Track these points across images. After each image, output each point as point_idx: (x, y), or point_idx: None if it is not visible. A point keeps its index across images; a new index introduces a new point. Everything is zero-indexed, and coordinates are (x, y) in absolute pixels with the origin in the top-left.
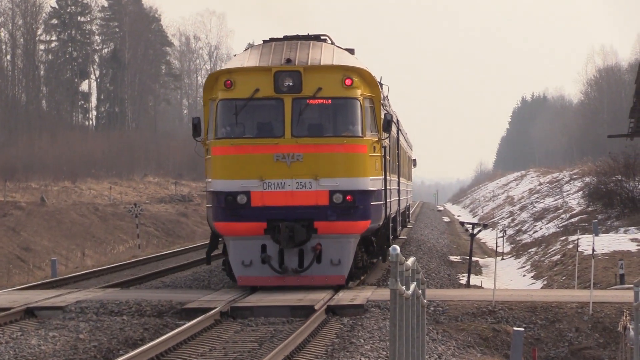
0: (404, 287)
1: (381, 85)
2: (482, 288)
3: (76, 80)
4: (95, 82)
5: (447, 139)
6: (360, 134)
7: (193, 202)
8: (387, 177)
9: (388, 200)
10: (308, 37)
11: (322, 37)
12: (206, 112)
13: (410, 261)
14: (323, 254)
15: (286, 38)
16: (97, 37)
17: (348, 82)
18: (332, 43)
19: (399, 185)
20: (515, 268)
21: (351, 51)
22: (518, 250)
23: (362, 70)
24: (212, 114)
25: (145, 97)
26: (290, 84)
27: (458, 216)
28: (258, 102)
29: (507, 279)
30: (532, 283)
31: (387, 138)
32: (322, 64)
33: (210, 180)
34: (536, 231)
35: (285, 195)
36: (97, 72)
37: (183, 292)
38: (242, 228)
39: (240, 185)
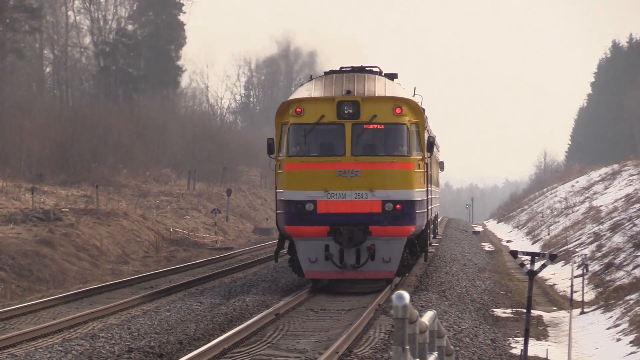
0: None
1: (424, 110)
2: None
3: None
4: None
5: (488, 116)
6: (408, 154)
7: (63, 221)
8: (428, 189)
9: (429, 208)
10: (362, 70)
11: (374, 70)
12: (277, 134)
13: (428, 318)
14: (376, 252)
15: (343, 70)
16: None
17: (398, 110)
18: (381, 72)
19: (430, 194)
20: (603, 327)
21: (395, 75)
22: (608, 297)
23: (410, 100)
24: (285, 135)
25: None
26: (350, 111)
27: (508, 242)
28: (323, 126)
29: (590, 345)
30: (632, 353)
31: (429, 157)
32: (376, 95)
33: (282, 190)
34: (638, 265)
35: (345, 204)
36: None
37: None
38: (309, 231)
39: (308, 195)
